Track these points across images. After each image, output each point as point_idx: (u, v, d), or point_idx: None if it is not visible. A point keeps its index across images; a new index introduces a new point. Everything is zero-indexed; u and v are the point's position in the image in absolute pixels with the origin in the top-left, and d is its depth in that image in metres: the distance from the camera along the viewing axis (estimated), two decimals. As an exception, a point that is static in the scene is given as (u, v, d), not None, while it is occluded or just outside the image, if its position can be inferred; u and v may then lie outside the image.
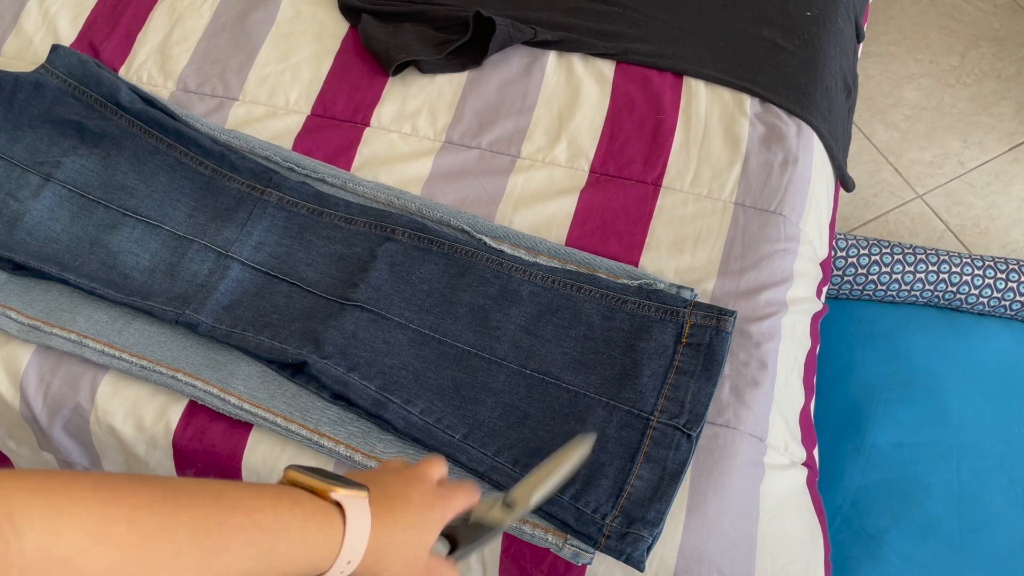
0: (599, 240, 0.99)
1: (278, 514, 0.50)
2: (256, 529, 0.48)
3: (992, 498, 1.06)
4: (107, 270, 0.99)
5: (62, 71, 1.09)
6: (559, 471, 0.69)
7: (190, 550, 0.44)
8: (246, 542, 0.48)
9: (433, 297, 0.96)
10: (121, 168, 1.05)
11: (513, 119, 1.08)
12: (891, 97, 1.80)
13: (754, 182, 1.02)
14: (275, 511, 0.50)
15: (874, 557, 1.03)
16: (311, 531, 0.51)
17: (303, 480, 0.55)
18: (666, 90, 1.09)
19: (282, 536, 0.50)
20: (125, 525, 0.42)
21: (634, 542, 0.80)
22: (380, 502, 0.57)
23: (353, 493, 0.55)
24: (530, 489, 0.67)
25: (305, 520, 0.51)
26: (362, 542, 0.54)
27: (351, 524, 0.53)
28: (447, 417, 0.88)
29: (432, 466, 0.64)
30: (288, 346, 0.91)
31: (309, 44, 1.16)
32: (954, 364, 1.16)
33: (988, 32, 1.88)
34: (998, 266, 1.27)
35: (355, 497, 0.55)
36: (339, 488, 0.54)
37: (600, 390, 0.89)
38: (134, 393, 0.93)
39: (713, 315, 0.91)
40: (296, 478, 0.55)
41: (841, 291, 1.29)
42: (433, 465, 0.64)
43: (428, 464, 0.64)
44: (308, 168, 1.05)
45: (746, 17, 1.17)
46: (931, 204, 1.68)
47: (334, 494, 0.54)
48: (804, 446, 0.93)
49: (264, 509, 0.50)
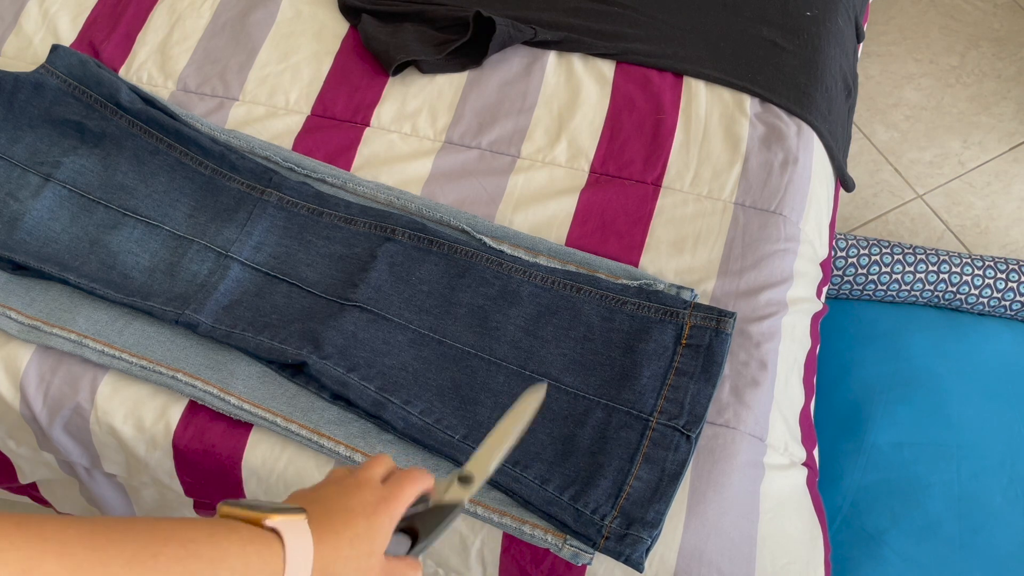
0: (599, 240, 0.99)
1: (214, 543, 0.50)
2: (193, 559, 0.48)
3: (992, 498, 1.06)
4: (107, 270, 0.99)
5: (62, 71, 1.09)
6: (511, 435, 0.67)
7: None
8: (183, 572, 0.47)
9: (433, 298, 0.96)
10: (121, 168, 1.05)
11: (513, 119, 1.08)
12: (891, 97, 1.80)
13: (754, 182, 1.02)
14: (211, 540, 0.50)
15: (874, 557, 1.03)
16: (251, 557, 0.51)
17: (236, 512, 0.54)
18: (666, 90, 1.09)
19: (221, 565, 0.49)
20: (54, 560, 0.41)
21: (633, 543, 0.80)
22: (320, 520, 0.56)
23: (288, 518, 0.54)
24: (485, 460, 0.66)
25: (243, 547, 0.51)
26: (306, 563, 0.54)
27: (290, 548, 0.53)
28: (447, 418, 0.88)
29: (374, 466, 0.63)
30: (288, 346, 0.91)
31: (309, 44, 1.16)
32: (954, 364, 1.16)
33: (988, 32, 1.88)
34: (998, 266, 1.27)
35: (291, 521, 0.54)
36: (273, 515, 0.54)
37: (599, 391, 0.89)
38: (134, 393, 0.93)
39: (713, 316, 0.91)
40: (229, 511, 0.54)
41: (841, 291, 1.29)
42: (375, 465, 0.63)
43: (370, 466, 0.63)
44: (308, 168, 1.05)
45: (746, 17, 1.17)
46: (931, 204, 1.68)
47: (268, 521, 0.53)
48: (804, 446, 0.93)
49: (199, 539, 0.49)
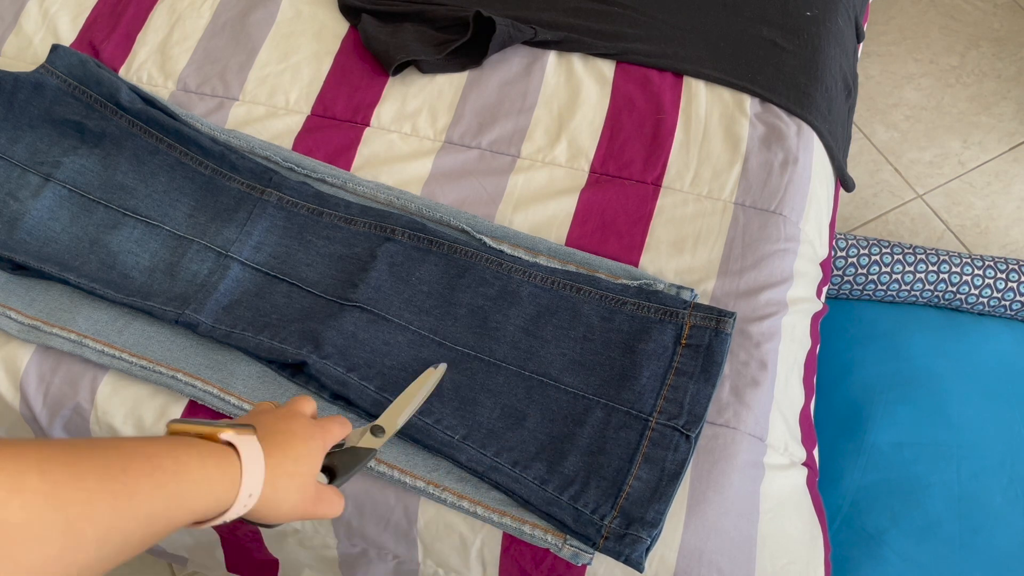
0: (599, 240, 0.99)
1: (175, 457, 0.52)
2: (159, 472, 0.50)
3: (992, 498, 1.06)
4: (107, 270, 0.99)
5: (62, 71, 1.09)
6: (417, 398, 0.81)
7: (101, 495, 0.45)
8: (153, 484, 0.49)
9: (433, 298, 0.96)
10: (121, 168, 1.05)
11: (513, 119, 1.08)
12: (891, 97, 1.80)
13: (754, 182, 1.02)
14: (173, 455, 0.52)
15: (874, 557, 1.03)
16: (210, 469, 0.54)
17: (189, 429, 0.57)
18: (666, 90, 1.09)
19: (184, 477, 0.51)
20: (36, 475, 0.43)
21: (632, 543, 0.80)
22: (267, 438, 0.60)
23: (241, 433, 0.57)
24: (394, 415, 0.79)
25: (203, 460, 0.53)
26: (259, 474, 0.57)
27: (246, 458, 0.56)
28: (446, 418, 0.88)
29: (303, 403, 0.68)
30: (288, 346, 0.91)
31: (309, 44, 1.16)
32: (954, 364, 1.16)
33: (988, 32, 1.88)
34: (998, 266, 1.27)
35: (244, 436, 0.58)
36: (227, 429, 0.57)
37: (599, 391, 0.89)
38: (134, 393, 0.93)
39: (712, 316, 0.91)
40: (181, 428, 0.57)
41: (841, 291, 1.29)
42: (303, 402, 0.69)
43: (298, 402, 0.68)
44: (308, 168, 1.05)
45: (746, 17, 1.17)
46: (931, 204, 1.68)
47: (223, 435, 0.56)
48: (804, 446, 0.93)
49: (161, 454, 0.51)
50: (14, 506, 0.41)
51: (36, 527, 0.41)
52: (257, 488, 0.57)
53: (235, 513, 0.56)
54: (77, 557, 0.44)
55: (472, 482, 0.86)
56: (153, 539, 0.50)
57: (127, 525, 0.47)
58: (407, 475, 0.86)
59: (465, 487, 0.85)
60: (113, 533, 0.46)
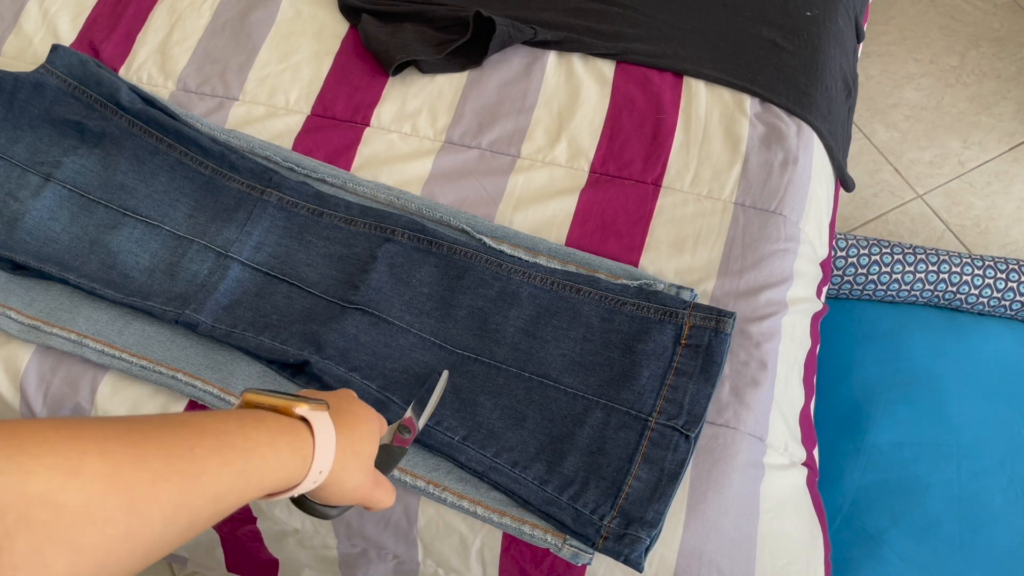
0: (599, 240, 0.99)
1: (245, 434, 0.51)
2: (228, 449, 0.49)
3: (992, 498, 1.06)
4: (107, 270, 0.99)
5: (62, 71, 1.09)
6: (432, 401, 0.83)
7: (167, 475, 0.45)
8: (220, 463, 0.48)
9: (433, 300, 0.96)
10: (121, 168, 1.05)
11: (513, 119, 1.08)
12: (891, 97, 1.80)
13: (754, 182, 1.02)
14: (242, 431, 0.51)
15: (874, 557, 1.03)
16: (281, 446, 0.53)
17: (264, 400, 0.57)
18: (666, 90, 1.09)
19: (253, 454, 0.51)
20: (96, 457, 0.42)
21: (632, 543, 0.80)
22: (337, 416, 0.60)
23: (316, 409, 0.57)
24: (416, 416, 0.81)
25: (273, 437, 0.53)
26: (331, 451, 0.57)
27: (319, 434, 0.56)
28: (447, 419, 0.88)
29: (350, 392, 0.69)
30: (289, 347, 0.91)
31: (309, 44, 1.16)
32: (954, 364, 1.16)
33: (988, 32, 1.88)
34: (998, 266, 1.27)
35: (318, 410, 0.57)
36: (302, 403, 0.57)
37: (598, 392, 0.89)
38: (134, 393, 0.93)
39: (712, 317, 0.91)
40: (256, 399, 0.57)
41: (841, 291, 1.29)
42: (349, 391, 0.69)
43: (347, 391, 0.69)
44: (308, 168, 1.05)
45: (746, 17, 1.17)
46: (931, 204, 1.68)
47: (299, 409, 0.56)
48: (804, 446, 0.93)
49: (232, 431, 0.51)
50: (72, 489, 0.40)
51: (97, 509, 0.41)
52: (327, 465, 0.57)
53: (305, 488, 0.56)
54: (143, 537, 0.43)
55: (472, 482, 0.86)
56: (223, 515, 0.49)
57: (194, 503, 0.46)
58: (407, 475, 0.86)
59: (465, 487, 0.85)
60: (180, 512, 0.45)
